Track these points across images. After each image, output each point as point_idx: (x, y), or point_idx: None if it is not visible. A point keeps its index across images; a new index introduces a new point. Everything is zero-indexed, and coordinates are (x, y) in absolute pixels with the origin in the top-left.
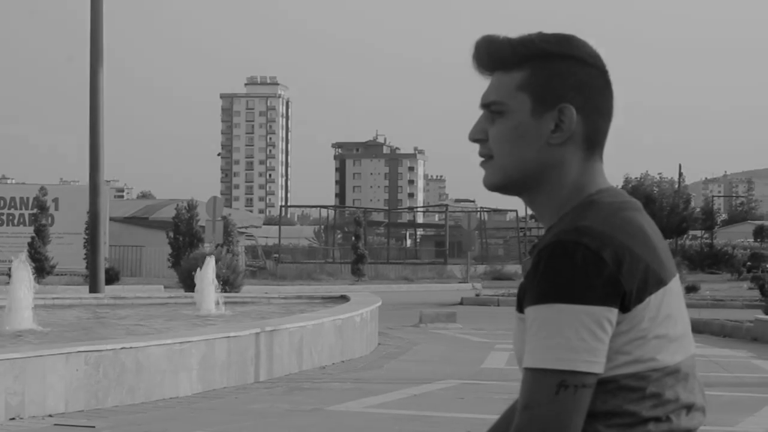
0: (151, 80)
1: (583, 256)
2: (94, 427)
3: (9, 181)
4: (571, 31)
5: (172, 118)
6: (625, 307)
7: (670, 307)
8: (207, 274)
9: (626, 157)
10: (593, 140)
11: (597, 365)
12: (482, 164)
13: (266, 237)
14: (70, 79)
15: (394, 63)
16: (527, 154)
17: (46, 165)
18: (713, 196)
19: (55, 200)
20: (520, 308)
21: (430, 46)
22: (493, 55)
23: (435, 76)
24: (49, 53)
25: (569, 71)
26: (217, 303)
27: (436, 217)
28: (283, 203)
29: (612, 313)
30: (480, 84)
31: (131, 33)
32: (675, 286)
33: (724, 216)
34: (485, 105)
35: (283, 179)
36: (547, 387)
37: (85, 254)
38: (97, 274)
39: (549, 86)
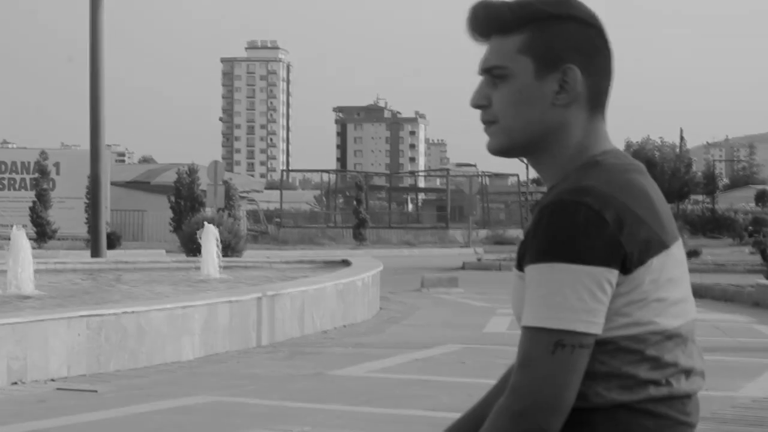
0: (152, 44)
1: (585, 216)
2: (96, 391)
3: (10, 146)
4: None
5: (172, 82)
6: (626, 269)
7: (671, 270)
8: (210, 239)
9: (627, 121)
10: (596, 101)
11: (595, 326)
12: (485, 130)
13: (268, 201)
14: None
15: (395, 27)
16: (532, 116)
17: (47, 129)
18: (715, 161)
19: (56, 165)
20: (520, 266)
21: (432, 10)
22: (491, 18)
23: (436, 40)
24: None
25: (570, 32)
26: (219, 267)
27: (438, 181)
28: (285, 168)
29: (612, 274)
30: (480, 48)
31: None
32: (677, 251)
33: (725, 180)
34: (486, 70)
35: (284, 143)
36: (544, 345)
37: (87, 219)
38: (99, 239)
39: (551, 48)
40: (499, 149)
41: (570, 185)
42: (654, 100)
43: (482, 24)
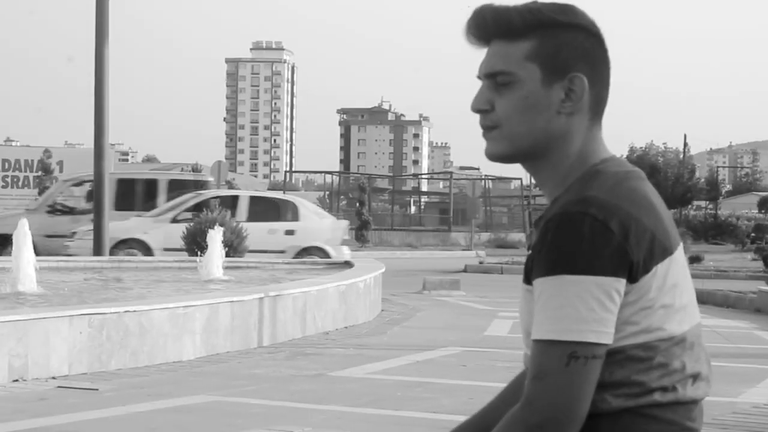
0: (157, 44)
1: (591, 227)
2: (97, 389)
3: (14, 144)
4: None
5: (177, 82)
6: (632, 278)
7: (676, 276)
8: (215, 239)
9: (631, 126)
10: (596, 109)
11: (606, 336)
12: (485, 135)
13: None
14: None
15: (399, 29)
16: (537, 124)
17: (51, 128)
18: (718, 167)
19: (60, 163)
20: (528, 280)
21: (436, 13)
22: (500, 23)
23: (441, 42)
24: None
25: (576, 41)
26: (221, 267)
27: (441, 184)
28: (288, 168)
29: (620, 283)
30: (478, 50)
31: None
32: (679, 255)
33: (728, 187)
34: (490, 75)
35: (288, 144)
36: (557, 358)
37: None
38: (102, 237)
39: (558, 56)
40: (500, 155)
41: (573, 196)
42: (658, 106)
43: (489, 27)
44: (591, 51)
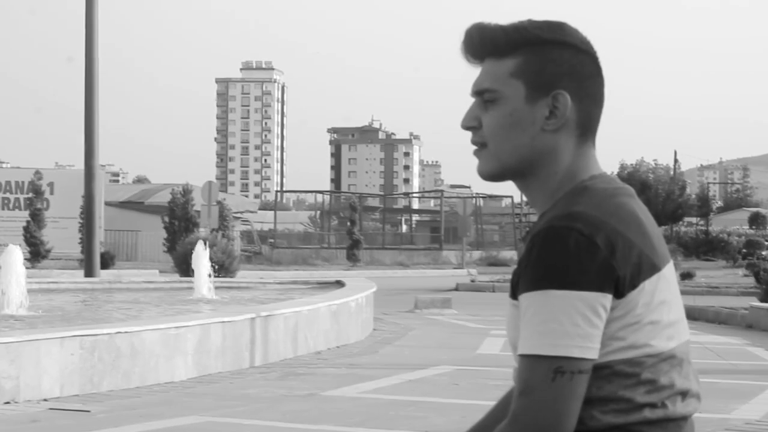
0: (147, 65)
1: (576, 242)
2: (89, 411)
3: (4, 165)
4: (567, 18)
5: (167, 103)
6: (619, 293)
7: (664, 292)
8: (202, 259)
9: (622, 143)
10: (586, 126)
11: (592, 351)
12: (475, 152)
13: (262, 222)
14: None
15: (390, 49)
16: (522, 140)
17: (42, 149)
18: (709, 183)
19: (51, 184)
20: (514, 295)
21: (426, 32)
22: (486, 41)
23: (430, 61)
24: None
25: (562, 58)
26: (213, 288)
27: (432, 202)
28: (279, 188)
29: (606, 298)
30: (475, 69)
31: (127, 18)
32: (669, 272)
33: (719, 203)
34: (478, 92)
35: (279, 164)
36: (543, 373)
37: (81, 239)
38: (93, 259)
39: (543, 73)
40: (489, 173)
41: (560, 211)
42: (648, 123)
43: (476, 46)
44: (578, 68)
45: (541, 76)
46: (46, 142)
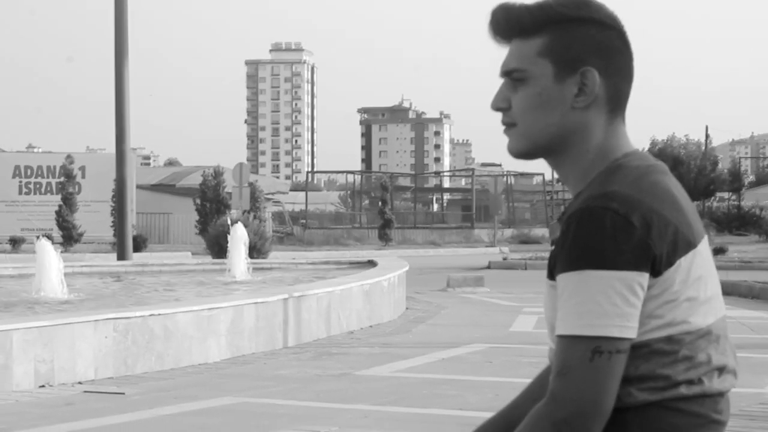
0: (176, 48)
1: (612, 221)
2: (123, 393)
3: (36, 150)
4: None
5: (197, 85)
6: (656, 271)
7: (700, 268)
8: (237, 240)
9: (653, 119)
10: (615, 103)
11: (630, 330)
12: (506, 132)
13: (293, 203)
14: (96, 48)
15: (419, 27)
16: (551, 119)
17: (73, 133)
18: (740, 158)
19: (82, 168)
20: (551, 275)
21: (457, 10)
22: (511, 21)
23: (460, 39)
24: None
25: (589, 34)
26: (246, 269)
27: (463, 181)
28: (310, 169)
29: (643, 277)
30: (503, 49)
31: (156, 1)
32: (704, 248)
33: (751, 177)
34: (506, 73)
35: (309, 145)
36: (581, 353)
37: (113, 222)
38: (125, 242)
39: (570, 51)
40: (519, 152)
41: (595, 191)
42: (679, 98)
43: (502, 27)
44: (605, 44)
45: (569, 54)
46: (77, 126)
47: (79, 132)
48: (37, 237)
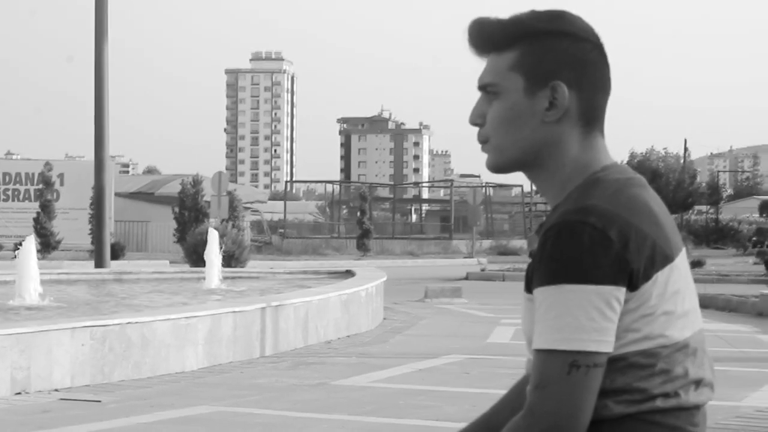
0: (157, 56)
1: (590, 236)
2: (100, 401)
3: (14, 157)
4: (573, 7)
5: (177, 93)
6: (633, 285)
7: (677, 283)
8: (213, 249)
9: (632, 132)
10: (590, 115)
11: (607, 344)
12: (483, 148)
13: (272, 212)
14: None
15: (399, 38)
16: (522, 133)
17: (52, 140)
18: (719, 171)
19: (61, 176)
20: (529, 289)
21: (436, 21)
22: (485, 37)
23: (441, 50)
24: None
25: (560, 47)
26: (223, 278)
27: (442, 192)
28: (289, 178)
29: (620, 291)
30: (483, 62)
31: (136, 8)
32: (681, 262)
33: (729, 191)
34: (482, 87)
35: (289, 154)
36: (558, 368)
37: (91, 229)
38: (103, 249)
39: (540, 64)
40: (495, 167)
41: (572, 205)
42: (658, 111)
43: (478, 42)
44: (579, 56)
45: (539, 68)
46: (56, 134)
47: (58, 139)
48: (15, 245)
